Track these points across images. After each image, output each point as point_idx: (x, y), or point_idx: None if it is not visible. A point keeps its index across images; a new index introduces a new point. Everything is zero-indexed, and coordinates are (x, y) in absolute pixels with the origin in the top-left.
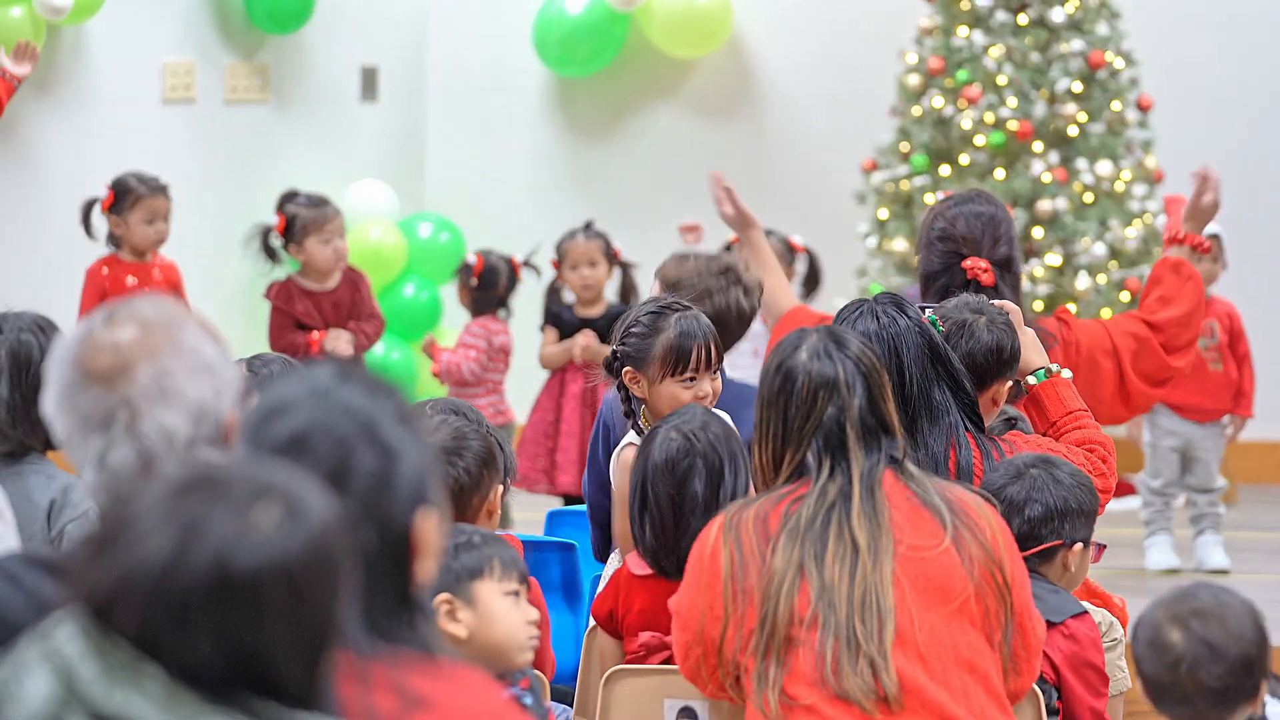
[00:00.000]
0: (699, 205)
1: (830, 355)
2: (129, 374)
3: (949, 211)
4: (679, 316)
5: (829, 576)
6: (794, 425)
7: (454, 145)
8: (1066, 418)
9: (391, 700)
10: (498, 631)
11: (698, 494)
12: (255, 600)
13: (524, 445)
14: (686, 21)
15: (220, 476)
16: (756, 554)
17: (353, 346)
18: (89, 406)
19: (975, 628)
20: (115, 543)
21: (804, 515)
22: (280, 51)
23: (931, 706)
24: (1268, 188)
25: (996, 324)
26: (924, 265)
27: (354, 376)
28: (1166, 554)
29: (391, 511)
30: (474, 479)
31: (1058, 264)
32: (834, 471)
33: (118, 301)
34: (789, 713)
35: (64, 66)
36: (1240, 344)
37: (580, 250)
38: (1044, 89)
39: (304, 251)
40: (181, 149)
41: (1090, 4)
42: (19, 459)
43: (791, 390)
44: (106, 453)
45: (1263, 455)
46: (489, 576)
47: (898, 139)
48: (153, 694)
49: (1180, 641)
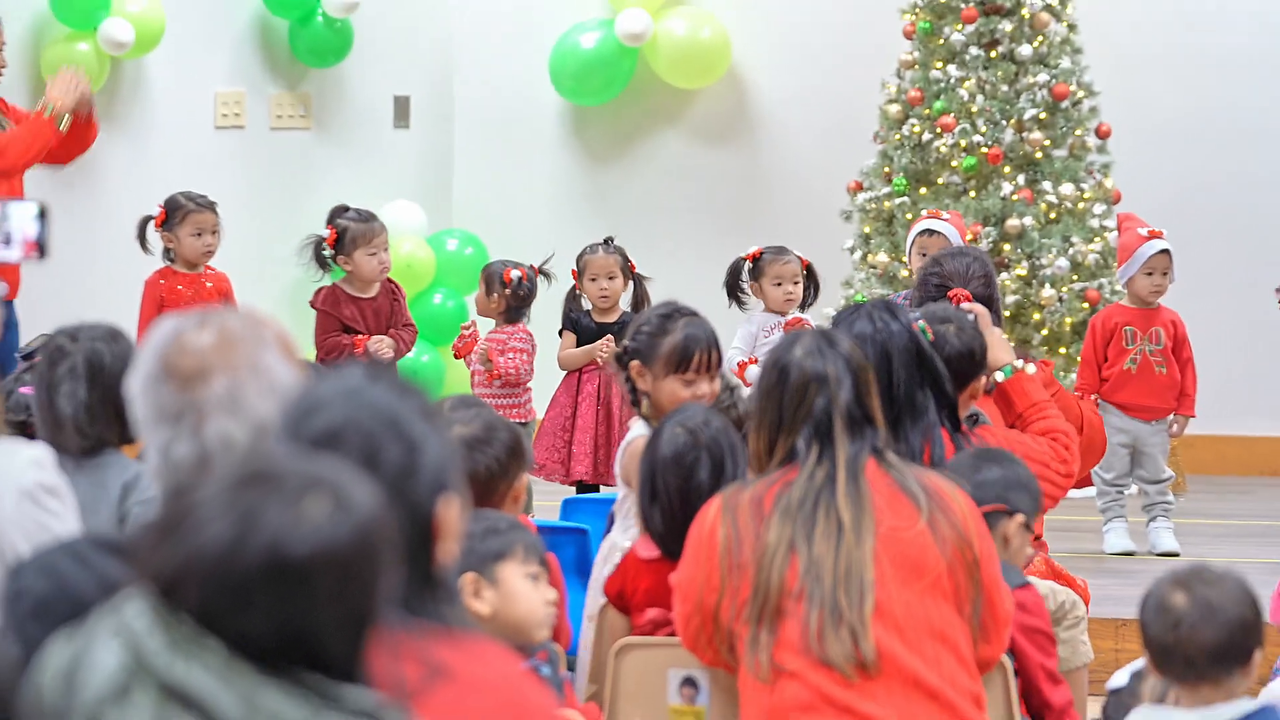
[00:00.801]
0: (703, 223)
1: (822, 353)
2: (205, 380)
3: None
4: (686, 321)
5: (816, 552)
6: (787, 414)
7: (478, 167)
8: (1031, 409)
9: (417, 670)
10: (518, 610)
11: (703, 484)
12: (306, 583)
13: (541, 437)
14: (689, 56)
15: (275, 470)
16: (751, 531)
17: (393, 351)
18: (164, 400)
19: (947, 601)
20: (180, 528)
21: (794, 496)
22: (321, 83)
23: (905, 673)
24: (1210, 209)
25: (965, 330)
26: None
27: (382, 378)
28: (1122, 538)
29: (416, 498)
30: (502, 467)
31: (1024, 275)
32: (821, 457)
33: (213, 309)
34: (777, 677)
35: (126, 96)
36: (1184, 350)
37: (599, 264)
38: (1012, 118)
39: (352, 261)
40: (232, 171)
41: (1054, 41)
42: (97, 453)
43: (786, 383)
44: (170, 445)
45: (1207, 449)
46: (512, 559)
47: (880, 163)
48: (213, 665)
49: (1182, 603)
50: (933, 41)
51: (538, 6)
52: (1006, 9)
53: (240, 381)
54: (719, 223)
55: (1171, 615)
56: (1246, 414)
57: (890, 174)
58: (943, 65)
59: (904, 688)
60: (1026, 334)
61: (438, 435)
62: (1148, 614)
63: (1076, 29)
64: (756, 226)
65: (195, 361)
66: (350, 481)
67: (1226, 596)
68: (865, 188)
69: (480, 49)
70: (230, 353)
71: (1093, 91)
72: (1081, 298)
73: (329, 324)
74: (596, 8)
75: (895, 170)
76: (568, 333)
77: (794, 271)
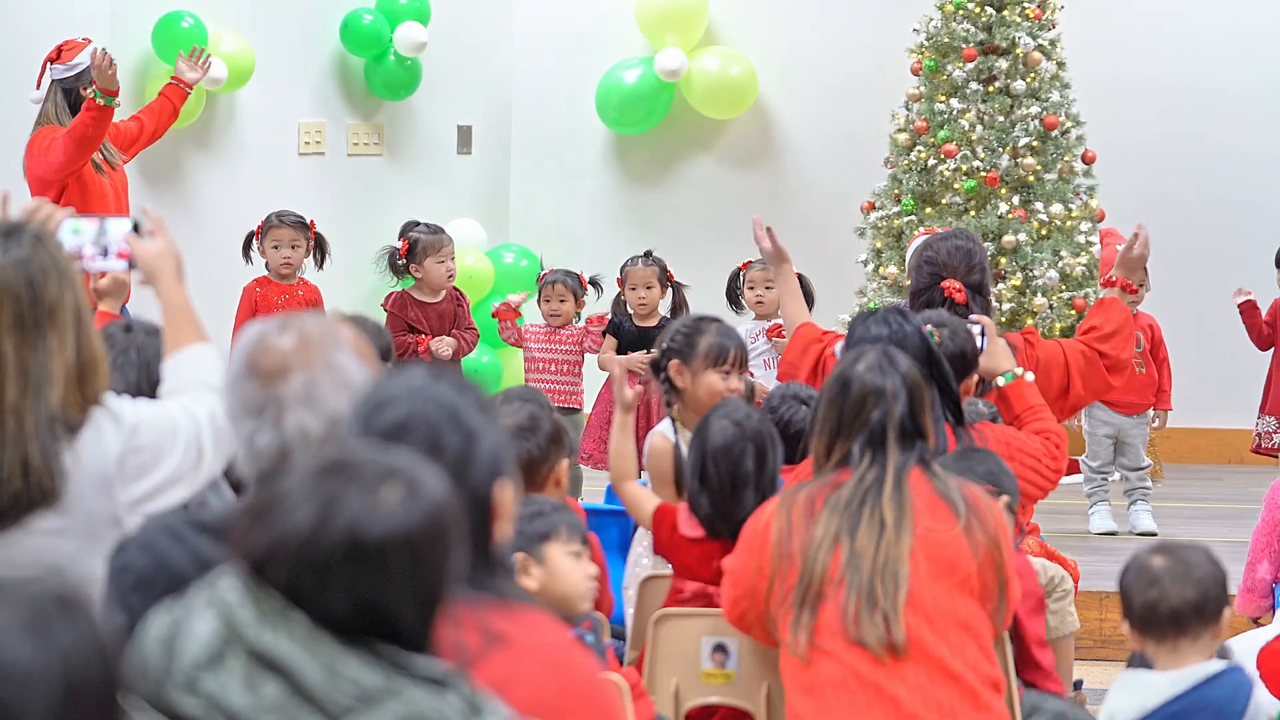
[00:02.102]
0: (732, 237)
1: (883, 369)
2: (286, 378)
3: (935, 243)
4: (717, 325)
5: (859, 545)
6: (845, 422)
7: (533, 189)
8: (1028, 411)
9: (476, 637)
10: (563, 584)
11: (749, 471)
12: (381, 564)
13: (590, 429)
14: (720, 90)
15: (354, 461)
16: (802, 526)
17: (454, 351)
18: (248, 395)
19: (974, 597)
20: (268, 513)
21: (844, 495)
22: (393, 114)
23: (932, 657)
24: (1182, 226)
25: (958, 335)
26: (913, 284)
27: (443, 376)
28: (1106, 520)
29: (474, 483)
30: (544, 453)
31: (1019, 285)
32: (873, 463)
33: (292, 314)
34: (814, 655)
35: (220, 125)
36: (1160, 350)
37: (638, 275)
38: (1008, 145)
39: (422, 269)
40: (313, 193)
41: (1045, 77)
42: None
43: (848, 394)
44: (254, 436)
45: (1181, 440)
46: (556, 540)
47: (890, 185)
48: (298, 635)
49: (1160, 564)
50: (937, 78)
51: (585, 46)
52: (1003, 49)
53: (316, 378)
54: (746, 238)
55: (1150, 574)
56: (1216, 409)
57: (899, 195)
58: (946, 99)
59: (929, 670)
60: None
61: (493, 426)
62: (1129, 578)
63: (1065, 67)
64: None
65: (276, 361)
66: (421, 471)
67: (1199, 557)
68: (877, 207)
69: (534, 84)
70: (308, 353)
71: (1079, 122)
72: (1069, 305)
73: (396, 325)
74: (638, 47)
75: (904, 191)
76: (609, 337)
77: (765, 276)
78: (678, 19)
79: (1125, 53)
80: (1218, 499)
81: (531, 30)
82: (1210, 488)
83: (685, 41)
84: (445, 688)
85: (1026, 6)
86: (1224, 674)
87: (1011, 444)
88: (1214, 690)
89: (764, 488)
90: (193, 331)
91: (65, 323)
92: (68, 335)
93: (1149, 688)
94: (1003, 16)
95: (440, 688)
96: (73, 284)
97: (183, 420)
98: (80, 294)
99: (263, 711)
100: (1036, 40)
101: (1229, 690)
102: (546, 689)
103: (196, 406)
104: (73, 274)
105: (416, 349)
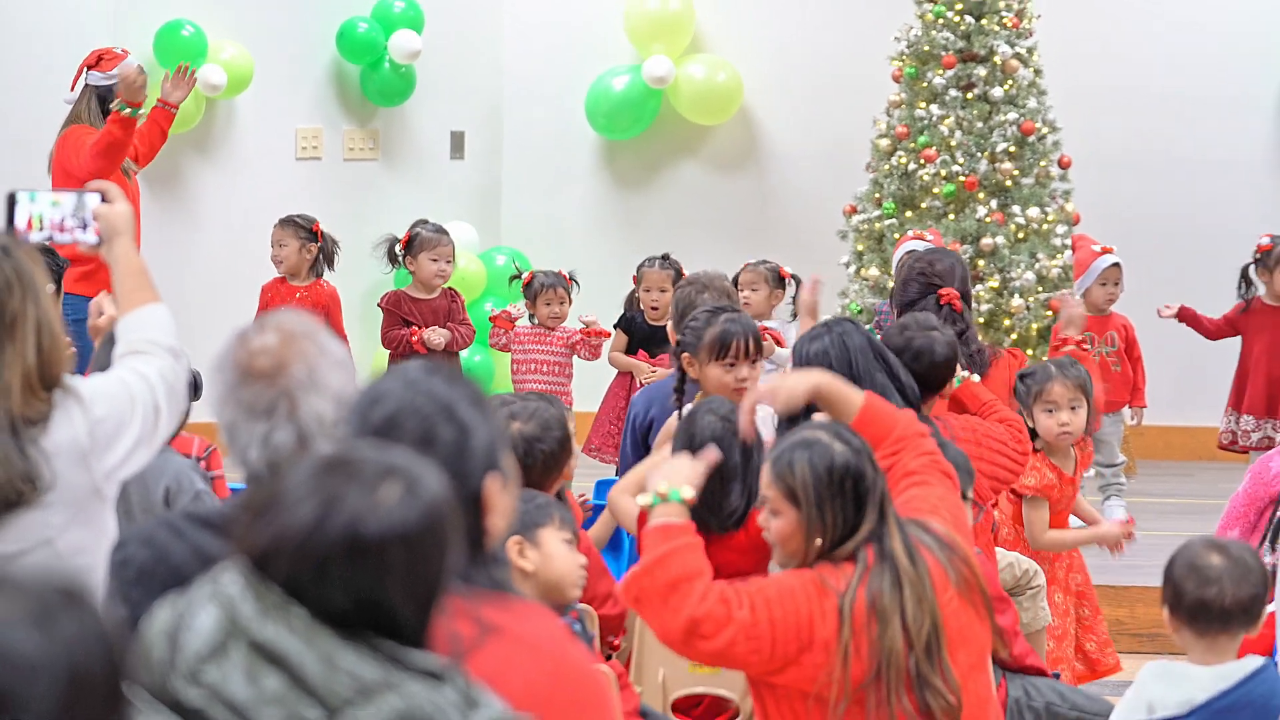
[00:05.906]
0: (719, 240)
1: (850, 445)
2: (286, 371)
3: (927, 256)
4: (727, 316)
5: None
6: (850, 518)
7: (523, 193)
8: (983, 407)
9: (470, 628)
10: (556, 568)
11: (736, 464)
12: (379, 560)
13: (598, 424)
14: (706, 96)
15: (354, 459)
16: (863, 630)
17: (447, 341)
18: (253, 398)
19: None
20: (270, 509)
21: (877, 590)
22: (388, 120)
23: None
24: (1155, 229)
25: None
26: (900, 296)
27: (437, 372)
28: None
29: (467, 475)
30: (554, 458)
31: (996, 287)
32: (882, 555)
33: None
34: None
35: (218, 131)
36: (1134, 350)
37: (653, 277)
38: (986, 150)
39: (416, 263)
40: (310, 197)
41: (1022, 84)
42: None
43: (845, 487)
44: (270, 434)
45: (1155, 437)
46: (550, 525)
47: (872, 189)
48: (298, 629)
49: (1219, 563)
50: (917, 84)
51: (575, 54)
52: (981, 57)
53: (314, 363)
54: (732, 241)
55: (1208, 572)
56: (1188, 407)
57: (880, 199)
58: (926, 105)
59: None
60: (999, 338)
61: (486, 421)
62: (1181, 571)
63: (1042, 74)
64: (764, 244)
65: (271, 358)
66: (420, 470)
67: (1253, 559)
68: (859, 210)
69: (525, 91)
70: (295, 343)
71: (1055, 128)
72: (1046, 306)
73: (391, 320)
74: (626, 55)
75: (885, 195)
76: (620, 333)
77: (749, 279)
78: (665, 28)
79: (1100, 60)
80: (1189, 495)
81: (523, 38)
82: (1182, 484)
83: (672, 49)
84: (441, 681)
85: (1004, 15)
86: (1263, 670)
87: (978, 431)
88: (1258, 686)
89: (750, 481)
90: (147, 292)
91: (25, 334)
92: (27, 344)
93: (1189, 679)
94: (981, 25)
95: (436, 681)
96: (35, 295)
97: (136, 385)
98: (44, 303)
99: (263, 702)
100: (1014, 48)
101: (1269, 686)
102: (539, 679)
103: (146, 368)
104: (37, 285)
105: (410, 340)
